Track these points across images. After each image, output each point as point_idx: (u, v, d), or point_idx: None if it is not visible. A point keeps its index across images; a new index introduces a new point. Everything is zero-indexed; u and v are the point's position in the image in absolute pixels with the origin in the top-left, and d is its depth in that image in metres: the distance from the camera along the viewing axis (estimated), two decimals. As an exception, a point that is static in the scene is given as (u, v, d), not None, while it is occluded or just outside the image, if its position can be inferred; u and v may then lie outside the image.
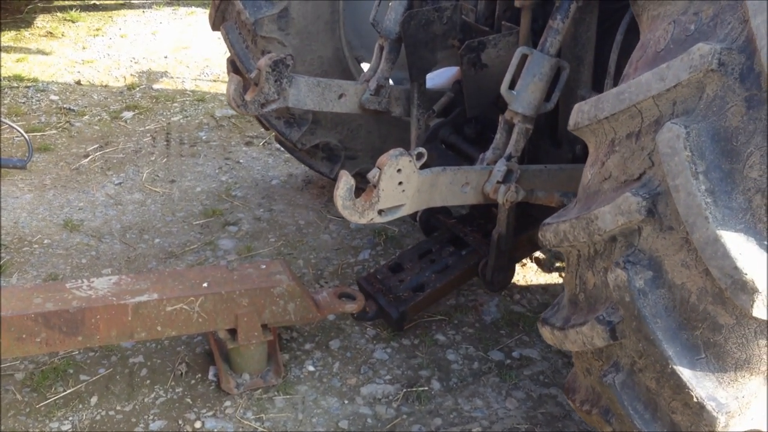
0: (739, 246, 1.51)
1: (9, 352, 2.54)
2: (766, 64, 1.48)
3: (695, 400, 1.65)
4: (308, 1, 3.42)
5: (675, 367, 1.66)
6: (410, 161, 2.34)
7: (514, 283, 3.60)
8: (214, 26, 3.66)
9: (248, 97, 2.80)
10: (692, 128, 1.57)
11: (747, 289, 1.51)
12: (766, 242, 1.51)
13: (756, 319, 1.55)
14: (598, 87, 2.68)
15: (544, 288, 3.60)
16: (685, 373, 1.65)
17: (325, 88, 2.95)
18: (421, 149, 2.39)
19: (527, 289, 3.59)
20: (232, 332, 2.76)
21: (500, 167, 2.59)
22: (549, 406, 2.89)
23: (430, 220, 3.33)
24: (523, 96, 2.55)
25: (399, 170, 2.34)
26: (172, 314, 2.65)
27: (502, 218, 2.82)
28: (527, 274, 3.67)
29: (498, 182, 2.59)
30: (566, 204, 2.70)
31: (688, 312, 1.65)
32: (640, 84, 1.71)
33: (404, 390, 2.93)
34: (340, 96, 3.00)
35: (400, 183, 2.36)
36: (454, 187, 2.54)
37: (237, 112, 2.83)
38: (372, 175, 2.34)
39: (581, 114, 1.90)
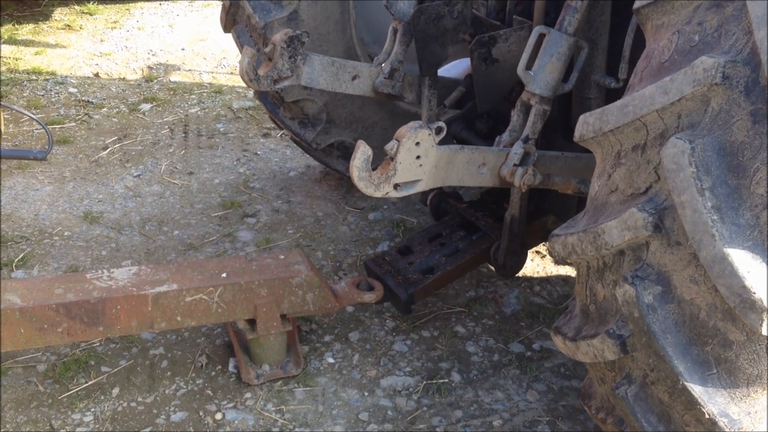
0: (747, 264, 1.48)
1: (31, 343, 2.55)
2: None
3: (707, 416, 1.63)
4: (317, 2, 3.40)
5: (686, 383, 1.63)
6: (429, 135, 2.27)
7: (533, 275, 3.58)
8: (225, 29, 3.66)
9: (261, 71, 2.76)
10: (697, 143, 1.54)
11: (756, 308, 1.48)
12: None
13: (766, 336, 1.52)
14: (612, 72, 2.63)
15: (564, 279, 3.57)
16: (697, 389, 1.63)
17: (339, 68, 2.91)
18: (441, 123, 2.33)
19: (547, 280, 3.56)
20: (251, 323, 2.77)
21: (517, 149, 2.53)
22: (570, 398, 2.87)
23: (441, 204, 3.30)
24: (541, 76, 2.49)
25: (417, 143, 2.27)
26: (192, 304, 2.65)
27: (515, 200, 2.79)
28: (547, 265, 3.64)
29: (515, 165, 2.53)
30: (583, 191, 2.67)
31: (698, 328, 1.63)
32: (644, 97, 1.67)
33: (424, 382, 2.92)
34: (354, 77, 2.96)
35: (418, 157, 2.30)
36: (470, 167, 2.49)
37: (248, 86, 2.79)
38: (390, 146, 2.27)
39: (586, 126, 1.87)
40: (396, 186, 2.34)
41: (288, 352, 2.92)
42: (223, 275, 2.71)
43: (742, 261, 1.48)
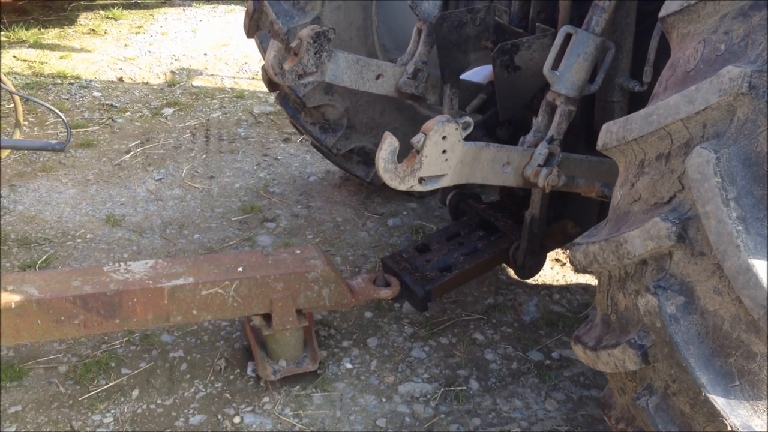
0: None
1: (48, 335, 2.57)
2: None
3: (729, 428, 1.60)
4: (340, 8, 3.41)
5: (708, 394, 1.61)
6: (456, 129, 2.26)
7: (553, 283, 3.56)
8: (249, 34, 3.69)
9: (287, 66, 2.77)
10: (722, 153, 1.52)
11: None
12: None
13: None
14: (636, 75, 2.60)
15: (584, 288, 3.54)
16: (719, 401, 1.60)
17: (363, 66, 2.91)
18: (468, 118, 2.31)
19: (567, 288, 3.54)
20: (267, 319, 2.78)
21: (542, 150, 2.50)
22: (589, 408, 2.85)
23: (460, 204, 3.29)
24: (567, 76, 2.47)
25: (444, 137, 2.25)
26: (208, 298, 2.66)
27: (536, 200, 2.77)
28: (566, 273, 3.62)
29: (539, 165, 2.51)
30: (607, 195, 2.64)
31: (721, 339, 1.60)
32: (668, 106, 1.66)
33: (442, 389, 2.91)
34: (378, 76, 2.96)
35: (444, 151, 2.28)
36: (495, 166, 2.46)
37: (273, 80, 2.79)
38: (416, 140, 2.26)
39: (609, 135, 1.85)
40: (421, 179, 2.31)
41: (304, 348, 2.92)
42: (239, 269, 2.72)
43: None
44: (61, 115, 3.21)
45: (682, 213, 1.63)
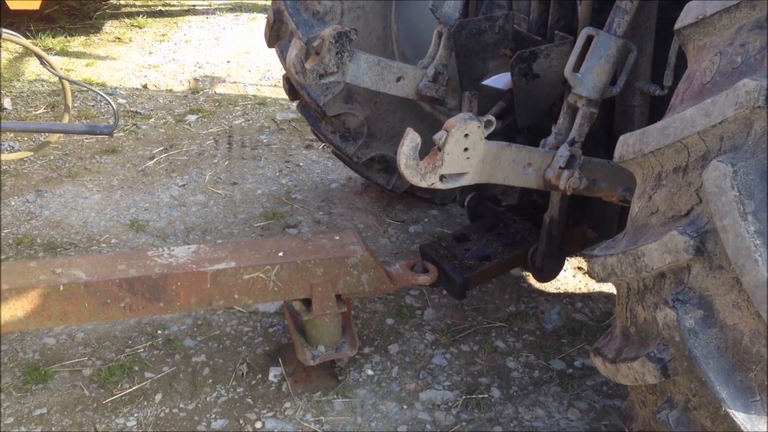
0: None
1: (94, 317, 2.61)
2: None
3: None
4: (360, 18, 3.43)
5: (729, 409, 1.59)
6: (479, 127, 2.25)
7: (575, 291, 3.54)
8: (269, 44, 3.72)
9: (308, 65, 2.78)
10: (740, 166, 1.50)
11: None
12: None
13: None
14: (657, 79, 2.59)
15: (607, 297, 3.52)
16: (740, 416, 1.58)
17: (384, 68, 2.92)
18: (491, 117, 2.30)
19: (589, 297, 3.52)
20: (307, 304, 2.81)
21: (563, 152, 2.49)
22: (612, 418, 2.82)
23: (479, 206, 3.29)
24: (588, 78, 2.45)
25: (466, 135, 2.25)
26: (249, 282, 2.70)
27: (555, 202, 2.76)
28: (589, 282, 3.59)
29: (560, 167, 2.50)
30: (628, 199, 2.62)
31: (741, 353, 1.59)
32: (684, 119, 1.65)
33: (464, 397, 2.90)
34: (399, 78, 2.96)
35: (466, 149, 2.27)
36: (516, 166, 2.45)
37: (292, 80, 2.81)
38: (438, 137, 2.25)
39: (626, 147, 1.84)
40: (442, 177, 2.30)
41: (343, 334, 2.95)
42: (280, 254, 2.76)
43: None
44: (109, 99, 3.28)
45: (700, 226, 1.61)
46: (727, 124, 1.56)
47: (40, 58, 3.24)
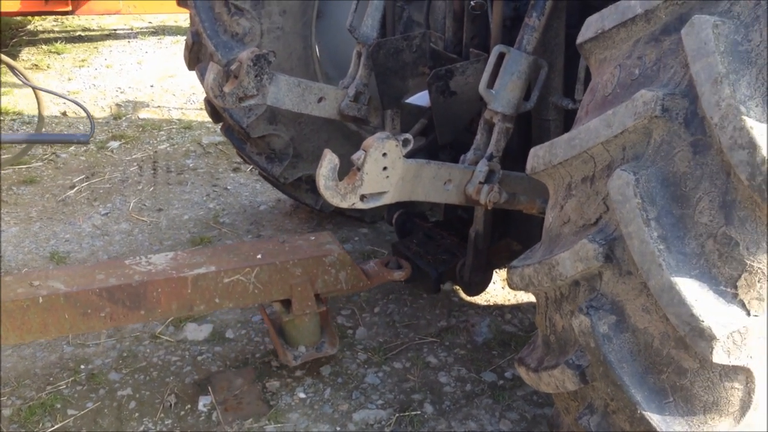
0: (694, 292, 1.50)
1: (75, 329, 2.56)
2: (706, 110, 1.47)
3: None
4: (279, 39, 3.42)
5: (644, 411, 1.64)
6: (396, 146, 2.26)
7: (504, 303, 3.59)
8: (189, 67, 3.68)
9: (227, 88, 2.75)
10: (641, 174, 1.56)
11: (705, 336, 1.50)
12: (720, 287, 1.50)
13: (718, 364, 1.54)
14: (569, 93, 2.67)
15: (535, 307, 3.57)
16: (655, 418, 1.64)
17: (305, 89, 2.92)
18: (408, 135, 2.34)
19: (518, 308, 3.57)
20: (287, 305, 2.82)
21: (482, 167, 2.53)
22: (543, 426, 2.86)
23: (407, 223, 3.33)
24: (502, 95, 2.51)
25: (384, 154, 2.25)
26: (230, 286, 2.70)
27: (479, 216, 2.81)
28: (518, 293, 3.65)
29: (480, 182, 2.54)
30: None
31: (653, 356, 1.64)
32: (589, 130, 1.70)
33: (397, 414, 2.90)
34: (320, 99, 2.96)
35: (385, 168, 2.28)
36: (437, 183, 2.48)
37: (213, 103, 2.78)
38: (357, 157, 2.25)
39: (537, 159, 1.89)
40: (362, 197, 2.30)
41: (322, 333, 2.97)
42: (259, 256, 2.77)
43: (690, 289, 1.50)
44: (84, 107, 3.16)
45: (608, 234, 1.66)
46: (628, 134, 1.62)
47: (12, 68, 3.12)
